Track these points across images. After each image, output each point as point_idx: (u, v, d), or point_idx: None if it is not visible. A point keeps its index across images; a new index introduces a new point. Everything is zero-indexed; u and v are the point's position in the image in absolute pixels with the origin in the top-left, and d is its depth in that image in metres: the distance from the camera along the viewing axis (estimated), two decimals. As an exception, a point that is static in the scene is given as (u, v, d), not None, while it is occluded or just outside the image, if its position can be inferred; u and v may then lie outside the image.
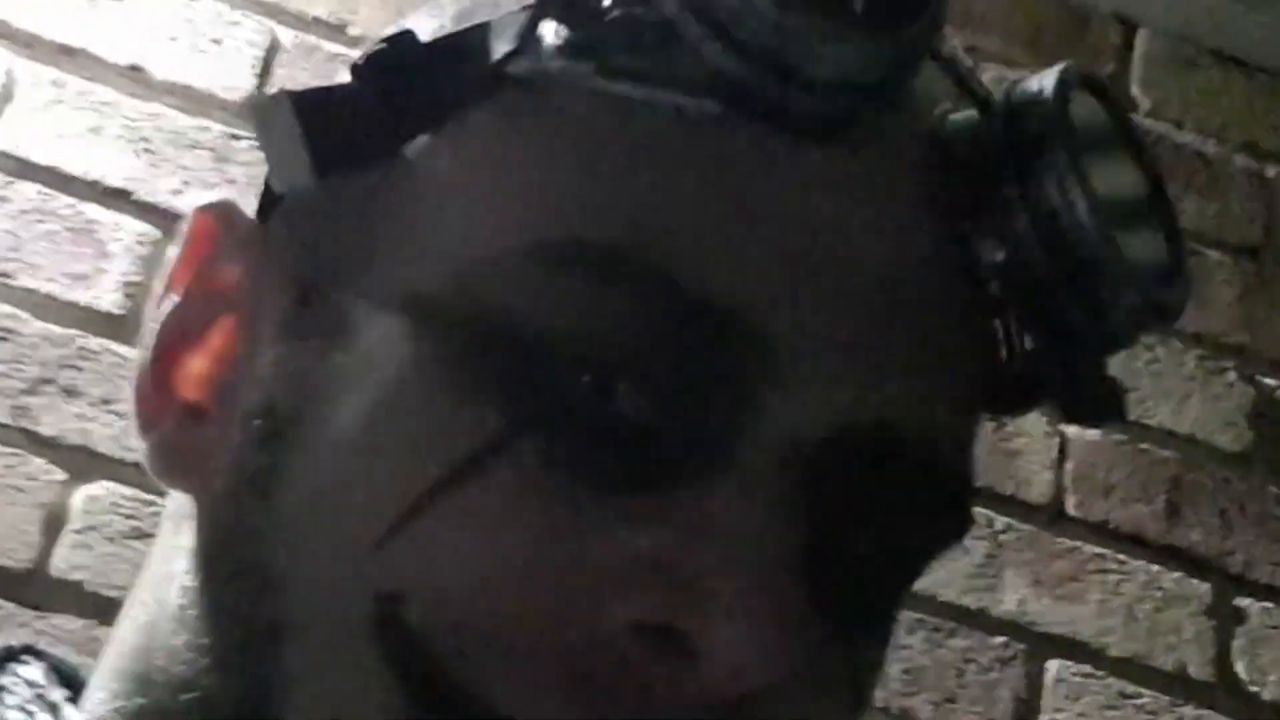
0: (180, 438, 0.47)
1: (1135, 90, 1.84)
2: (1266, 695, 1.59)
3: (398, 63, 0.45)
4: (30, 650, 0.52)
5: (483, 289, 0.43)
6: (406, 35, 0.46)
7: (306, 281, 0.47)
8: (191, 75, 1.59)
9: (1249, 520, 1.67)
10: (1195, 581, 1.63)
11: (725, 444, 0.42)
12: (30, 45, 1.56)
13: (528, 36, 0.45)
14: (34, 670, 0.51)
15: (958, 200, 0.46)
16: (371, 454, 0.43)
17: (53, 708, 0.50)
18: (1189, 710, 1.57)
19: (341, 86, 0.46)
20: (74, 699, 0.51)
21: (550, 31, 0.45)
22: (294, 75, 1.62)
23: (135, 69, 1.57)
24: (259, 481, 0.45)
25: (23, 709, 0.49)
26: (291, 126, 0.45)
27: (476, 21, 0.46)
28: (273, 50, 1.63)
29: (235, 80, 1.60)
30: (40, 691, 0.50)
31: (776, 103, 0.43)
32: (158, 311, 0.49)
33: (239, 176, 1.55)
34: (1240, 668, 1.60)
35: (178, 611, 0.46)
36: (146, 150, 1.54)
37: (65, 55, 1.56)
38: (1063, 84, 0.46)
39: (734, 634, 0.40)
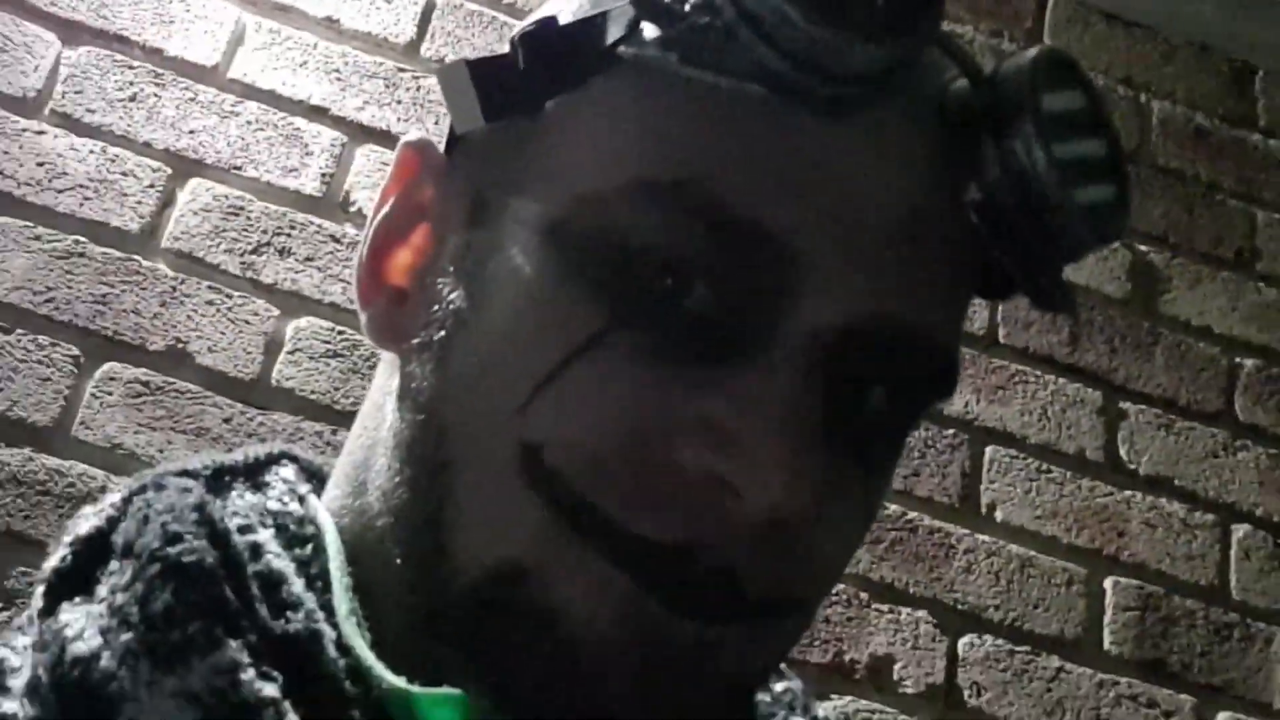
0: (387, 314, 0.50)
1: (1046, 40, 1.85)
2: (1141, 471, 1.68)
3: (543, 40, 0.46)
4: (286, 455, 0.54)
5: (594, 214, 0.45)
6: (550, 20, 0.47)
7: (477, 201, 0.49)
8: (370, 25, 1.64)
9: (1129, 346, 1.73)
10: (1091, 390, 1.71)
11: (764, 333, 0.44)
12: (255, 4, 1.61)
13: (634, 29, 0.45)
14: (289, 470, 0.52)
15: (951, 152, 0.46)
16: (514, 340, 0.45)
17: (301, 498, 0.51)
18: (1085, 481, 1.65)
19: (501, 57, 0.47)
20: (317, 491, 0.52)
21: (648, 28, 0.45)
22: (444, 25, 1.67)
23: (331, 20, 1.63)
24: (438, 353, 0.47)
25: (281, 500, 0.50)
26: (467, 85, 0.47)
27: (600, 10, 0.46)
28: (430, 7, 1.67)
29: (402, 29, 1.65)
30: (292, 485, 0.51)
31: (805, 90, 0.44)
32: (374, 219, 0.52)
33: (404, 98, 1.63)
34: (1123, 451, 1.68)
35: (387, 439, 0.49)
36: (338, 79, 1.61)
37: (280, 10, 1.61)
38: (1035, 64, 0.46)
39: (765, 483, 0.42)
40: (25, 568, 1.32)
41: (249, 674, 0.41)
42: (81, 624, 0.43)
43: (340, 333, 1.50)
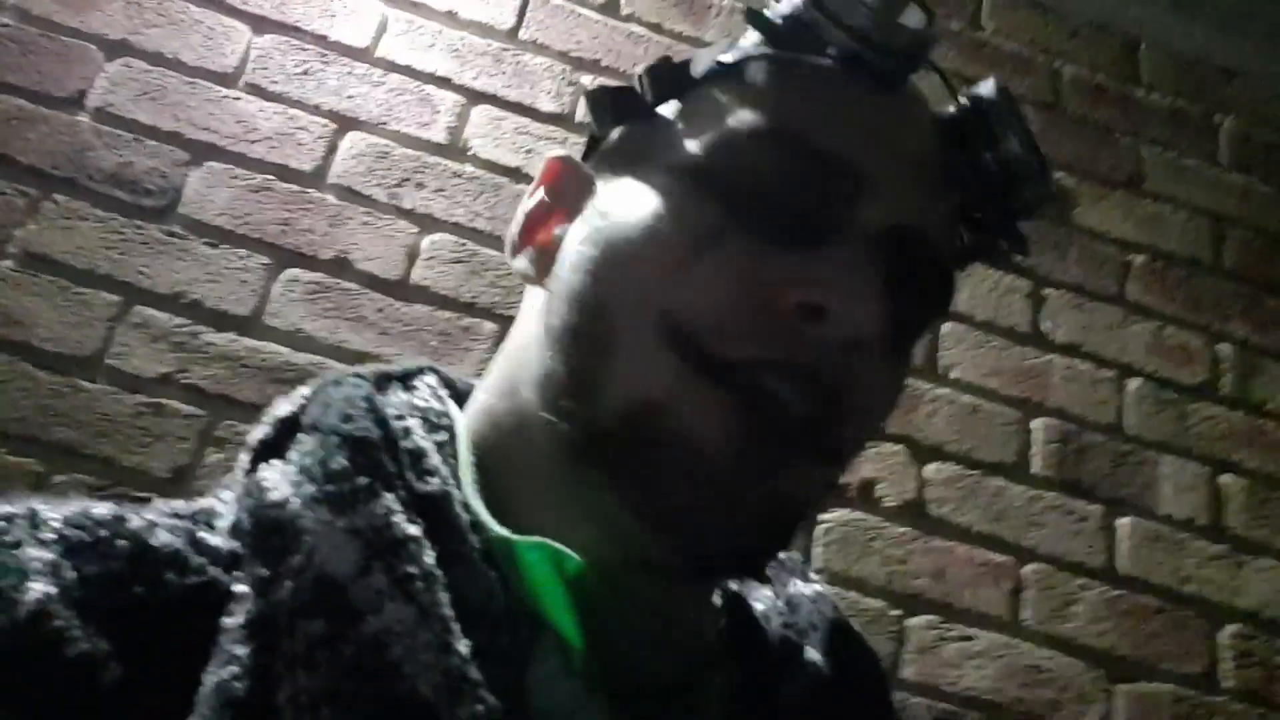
0: (536, 261, 0.49)
1: (984, 20, 1.72)
2: (1058, 340, 1.53)
3: (655, 69, 0.48)
4: (430, 368, 0.51)
5: (720, 155, 0.45)
6: (664, 58, 0.49)
7: (611, 175, 0.48)
8: (480, 15, 1.52)
9: (1048, 246, 1.57)
10: (1020, 280, 1.55)
11: (839, 227, 0.43)
12: (395, 2, 1.50)
13: (739, 46, 0.48)
14: (431, 378, 0.50)
15: (952, 146, 0.47)
16: (656, 240, 0.44)
17: (440, 398, 0.48)
18: (1017, 347, 1.51)
19: (629, 88, 0.49)
20: (452, 395, 0.50)
21: (750, 36, 0.49)
22: (537, 16, 1.54)
23: (451, 13, 1.51)
24: (588, 265, 0.45)
25: (425, 399, 0.48)
26: (604, 103, 0.49)
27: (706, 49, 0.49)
28: (525, 1, 1.55)
29: (504, 18, 1.53)
30: (434, 389, 0.49)
31: (864, 61, 0.45)
32: (525, 202, 0.51)
33: (507, 70, 1.50)
34: (1044, 326, 1.54)
35: (536, 349, 0.46)
36: (457, 56, 1.49)
37: (413, 6, 1.50)
38: (1003, 92, 0.48)
39: (847, 304, 0.41)
40: (231, 421, 1.23)
41: (399, 518, 0.39)
42: (277, 479, 0.42)
43: (462, 244, 1.39)
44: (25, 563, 0.36)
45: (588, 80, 1.50)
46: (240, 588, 0.38)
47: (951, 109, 0.48)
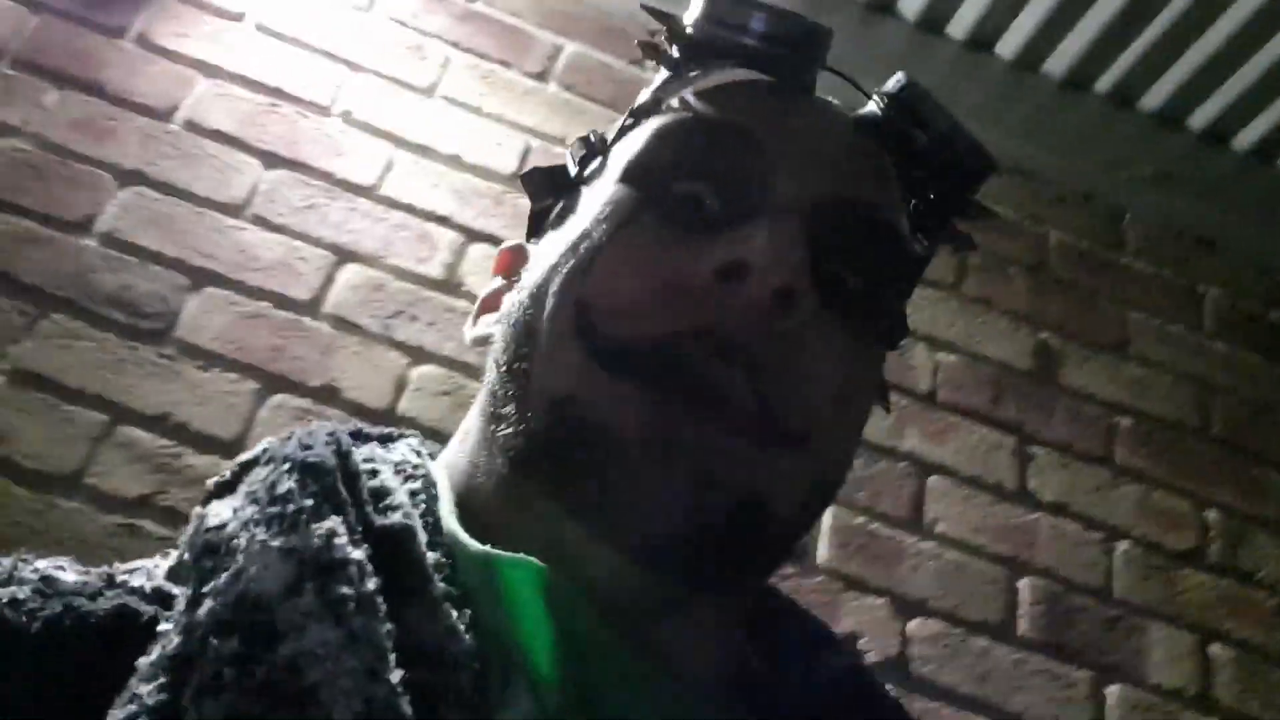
0: (481, 331, 0.51)
1: None
2: (1046, 499, 1.53)
3: (585, 139, 0.51)
4: (412, 434, 0.50)
5: (638, 157, 0.46)
6: (590, 133, 0.51)
7: (548, 230, 0.49)
8: (483, 160, 1.56)
9: (1035, 405, 1.61)
10: (1007, 436, 1.56)
11: (752, 208, 0.43)
12: (401, 143, 1.54)
13: (652, 91, 0.49)
14: (413, 440, 0.49)
15: (868, 131, 0.48)
16: (579, 238, 0.45)
17: (418, 454, 0.47)
18: (1003, 505, 1.50)
19: (561, 165, 0.51)
20: (431, 458, 0.49)
21: (660, 75, 0.50)
22: (537, 161, 1.58)
23: (456, 156, 1.55)
24: (522, 288, 0.46)
25: (402, 454, 0.46)
26: (538, 179, 0.52)
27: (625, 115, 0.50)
28: (527, 148, 1.60)
29: (506, 163, 1.57)
30: (414, 448, 0.47)
31: (764, 60, 0.47)
32: (487, 286, 0.53)
33: (506, 212, 1.54)
34: (1031, 484, 1.54)
35: (482, 394, 0.47)
36: (457, 196, 1.53)
37: (419, 148, 1.54)
38: (913, 82, 0.48)
39: (765, 255, 0.40)
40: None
41: (342, 539, 0.36)
42: (219, 508, 0.40)
43: (451, 377, 1.41)
44: None
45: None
46: (164, 625, 0.36)
47: (868, 107, 0.49)
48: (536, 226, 0.52)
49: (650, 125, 0.47)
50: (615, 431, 0.39)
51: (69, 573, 0.38)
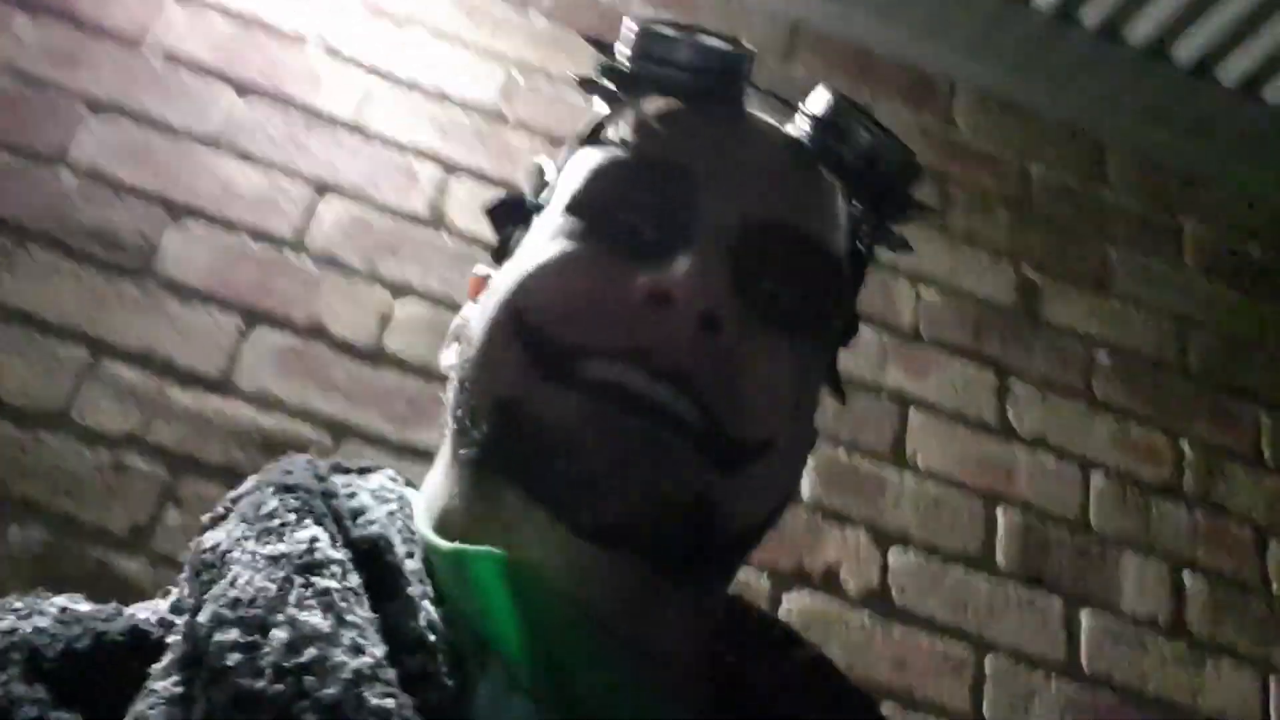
0: (449, 361, 0.51)
1: (956, 118, 1.78)
2: (1024, 433, 1.54)
3: (534, 170, 0.54)
4: (387, 470, 0.51)
5: (578, 191, 0.48)
6: (539, 164, 0.54)
7: (506, 259, 0.51)
8: (468, 93, 1.54)
9: (1015, 340, 1.62)
10: (987, 372, 1.58)
11: (683, 234, 0.45)
12: (383, 75, 1.52)
13: (593, 119, 0.52)
14: (389, 472, 0.51)
15: (800, 148, 0.50)
16: (523, 259, 0.48)
17: (394, 480, 0.50)
18: (983, 438, 1.52)
19: (520, 196, 0.54)
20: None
21: (596, 105, 0.53)
22: (519, 96, 1.56)
23: (437, 89, 1.53)
24: (476, 314, 0.49)
25: (379, 482, 0.48)
26: (499, 212, 0.54)
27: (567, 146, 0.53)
28: (511, 82, 1.57)
29: (489, 97, 1.54)
30: (391, 477, 0.50)
31: (693, 89, 0.50)
32: (455, 321, 0.54)
33: (490, 147, 1.52)
34: (1010, 417, 1.55)
35: (447, 418, 0.49)
36: (440, 130, 1.51)
37: (399, 80, 1.52)
38: (837, 94, 0.51)
39: (688, 285, 0.43)
40: (194, 481, 1.22)
41: (324, 542, 0.40)
42: (214, 533, 0.43)
43: (435, 312, 1.41)
44: None
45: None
46: (172, 638, 0.39)
47: (794, 124, 0.51)
48: (500, 256, 0.54)
49: (590, 160, 0.49)
50: (566, 434, 0.42)
51: (84, 605, 0.42)
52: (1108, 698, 1.38)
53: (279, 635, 0.36)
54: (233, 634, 0.36)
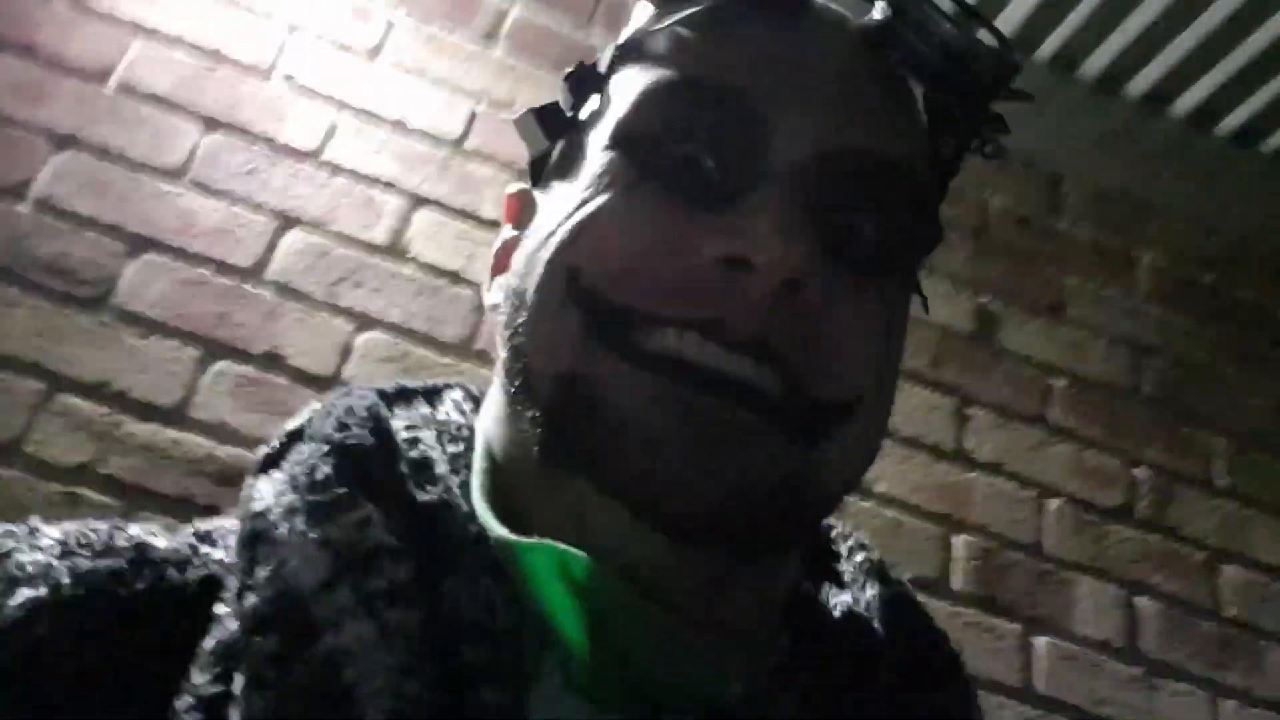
0: (493, 298, 0.48)
1: None
2: (981, 459, 1.56)
3: (575, 73, 0.46)
4: (459, 385, 0.49)
5: (628, 118, 0.43)
6: (579, 66, 0.47)
7: (553, 179, 0.46)
8: (429, 124, 1.55)
9: (974, 367, 1.64)
10: (946, 398, 1.59)
11: (752, 174, 0.41)
12: (347, 107, 1.53)
13: (639, 28, 0.46)
14: (457, 393, 0.49)
15: (874, 49, 0.44)
16: (572, 203, 0.42)
17: (463, 411, 0.47)
18: (941, 464, 1.53)
19: (554, 104, 0.47)
20: (477, 410, 0.48)
21: (642, 10, 0.47)
22: (483, 127, 1.57)
23: (400, 122, 1.54)
24: (519, 254, 0.45)
25: (446, 412, 0.46)
26: (533, 123, 0.47)
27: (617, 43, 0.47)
28: (473, 115, 1.58)
29: (452, 128, 1.56)
30: (458, 403, 0.48)
31: None
32: (495, 241, 0.50)
33: (452, 178, 1.53)
34: (968, 444, 1.57)
35: (497, 366, 0.45)
36: (402, 161, 1.52)
37: (364, 113, 1.53)
38: None
39: (769, 247, 0.38)
40: (147, 514, 1.22)
41: (375, 529, 0.37)
42: (265, 489, 0.40)
43: (396, 344, 1.41)
44: (13, 570, 0.36)
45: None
46: (220, 608, 0.38)
47: (869, 15, 0.45)
48: (538, 173, 0.49)
49: (637, 82, 0.44)
50: (637, 421, 0.38)
51: (160, 539, 0.40)
52: (1062, 721, 1.40)
53: (321, 648, 0.34)
54: (272, 641, 0.34)
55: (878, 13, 0.44)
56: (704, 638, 0.40)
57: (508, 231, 0.50)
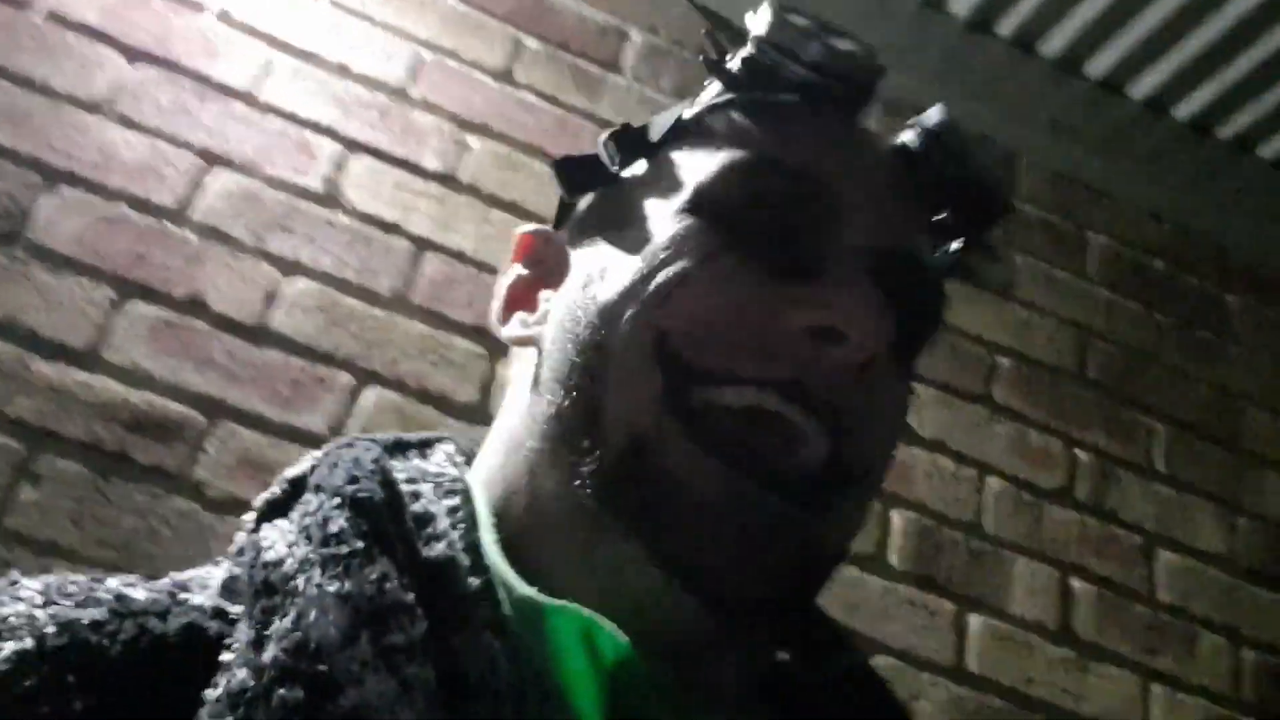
0: (527, 324, 0.50)
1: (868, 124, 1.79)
2: (923, 435, 1.54)
3: (623, 136, 0.50)
4: (448, 438, 0.51)
5: (706, 188, 0.46)
6: (626, 127, 0.51)
7: (592, 232, 0.49)
8: (373, 70, 1.50)
9: None
10: None
11: (829, 251, 0.44)
12: (283, 47, 1.46)
13: (699, 100, 0.51)
14: (449, 447, 0.50)
15: (910, 167, 0.49)
16: (655, 265, 0.44)
17: (455, 464, 0.48)
18: None
19: (594, 156, 0.51)
20: (468, 463, 0.50)
21: (712, 90, 0.51)
22: (428, 74, 1.51)
23: (341, 65, 1.49)
24: (585, 306, 0.46)
25: (439, 465, 0.47)
26: (572, 171, 0.51)
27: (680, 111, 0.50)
28: (417, 59, 1.52)
29: (395, 74, 1.50)
30: (450, 456, 0.48)
31: (819, 90, 0.48)
32: (502, 279, 0.52)
33: (394, 126, 1.47)
34: (910, 420, 1.57)
35: (537, 396, 0.47)
36: (341, 106, 1.46)
37: (301, 53, 1.47)
38: (950, 116, 0.50)
39: (863, 326, 0.41)
40: (51, 457, 1.16)
41: (393, 584, 0.38)
42: (275, 538, 0.40)
43: (325, 293, 1.36)
44: None
45: (475, 141, 1.50)
46: (226, 655, 0.37)
47: (906, 135, 0.50)
48: (567, 218, 0.53)
49: (718, 155, 0.47)
50: (698, 505, 0.40)
51: (139, 590, 0.40)
52: (992, 699, 1.38)
53: (345, 702, 0.34)
54: (296, 693, 0.34)
55: (912, 137, 0.50)
56: (711, 714, 0.42)
57: (518, 271, 0.52)
